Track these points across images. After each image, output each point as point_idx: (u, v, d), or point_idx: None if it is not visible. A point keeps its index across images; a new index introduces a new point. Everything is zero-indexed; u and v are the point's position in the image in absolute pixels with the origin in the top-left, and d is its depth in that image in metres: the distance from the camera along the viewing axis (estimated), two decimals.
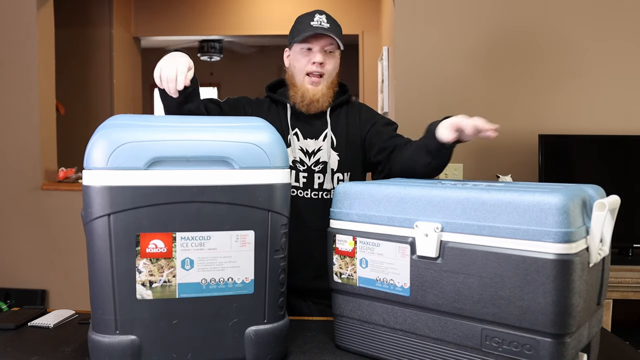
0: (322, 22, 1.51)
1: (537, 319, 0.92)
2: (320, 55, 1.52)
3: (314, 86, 1.53)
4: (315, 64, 1.52)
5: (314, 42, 1.52)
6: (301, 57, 1.54)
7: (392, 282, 1.09)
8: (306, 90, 1.53)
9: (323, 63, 1.52)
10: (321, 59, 1.51)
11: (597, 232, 0.95)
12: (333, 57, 1.55)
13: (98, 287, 1.03)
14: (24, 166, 3.22)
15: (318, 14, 1.53)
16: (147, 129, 1.05)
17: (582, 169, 2.58)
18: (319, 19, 1.52)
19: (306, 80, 1.54)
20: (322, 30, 1.50)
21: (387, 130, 1.59)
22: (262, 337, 1.09)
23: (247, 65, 7.59)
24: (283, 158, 1.11)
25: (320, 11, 1.55)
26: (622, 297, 2.21)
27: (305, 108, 1.55)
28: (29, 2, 3.17)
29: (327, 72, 1.54)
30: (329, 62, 1.54)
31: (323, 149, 1.55)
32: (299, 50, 1.55)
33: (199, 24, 5.03)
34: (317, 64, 1.52)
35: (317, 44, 1.52)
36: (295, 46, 1.56)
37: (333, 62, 1.55)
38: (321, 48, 1.52)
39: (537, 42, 2.64)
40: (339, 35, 1.54)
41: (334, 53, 1.55)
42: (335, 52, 1.55)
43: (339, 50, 1.57)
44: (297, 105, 1.55)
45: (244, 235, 1.07)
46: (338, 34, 1.53)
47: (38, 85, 3.19)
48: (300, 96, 1.54)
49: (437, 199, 1.04)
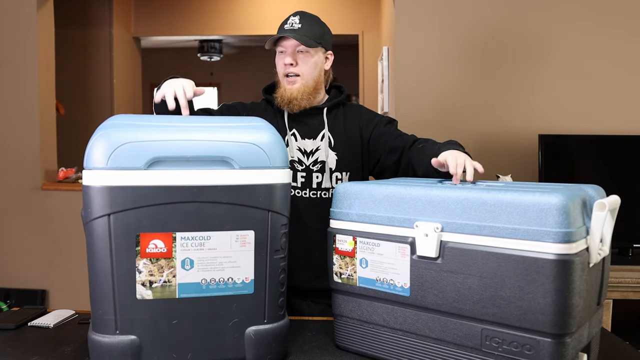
0: (294, 23, 1.54)
1: (537, 319, 0.92)
2: (289, 57, 1.55)
3: (290, 85, 1.56)
4: (287, 65, 1.55)
5: (285, 44, 1.56)
6: (278, 60, 1.59)
7: (392, 282, 1.09)
8: (284, 91, 1.57)
9: (294, 64, 1.55)
10: (290, 61, 1.54)
11: (597, 232, 0.95)
12: (307, 56, 1.56)
13: (98, 287, 1.03)
14: (24, 166, 3.22)
15: (292, 16, 1.57)
16: (147, 129, 1.05)
17: (582, 169, 2.58)
18: (292, 21, 1.55)
19: (284, 81, 1.58)
20: (288, 32, 1.53)
21: (390, 129, 1.61)
22: (262, 337, 1.09)
23: (247, 65, 7.59)
24: (283, 158, 1.11)
25: (297, 12, 1.58)
26: (622, 297, 2.21)
27: (286, 107, 1.57)
28: (29, 2, 3.17)
29: (303, 72, 1.56)
30: (303, 62, 1.56)
31: (321, 149, 1.56)
32: (277, 54, 1.60)
33: (199, 24, 5.03)
34: (287, 65, 1.55)
35: (289, 46, 1.55)
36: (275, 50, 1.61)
37: (307, 62, 1.56)
38: (293, 50, 1.55)
39: (537, 42, 2.64)
40: (313, 33, 1.55)
41: (308, 52, 1.55)
42: (311, 50, 1.56)
43: (319, 48, 1.57)
44: (281, 105, 1.58)
45: (244, 235, 1.07)
46: (310, 33, 1.54)
47: (38, 85, 3.19)
48: (280, 96, 1.57)
49: (437, 199, 1.04)
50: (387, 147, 1.57)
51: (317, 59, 1.58)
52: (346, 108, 1.65)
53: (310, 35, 1.54)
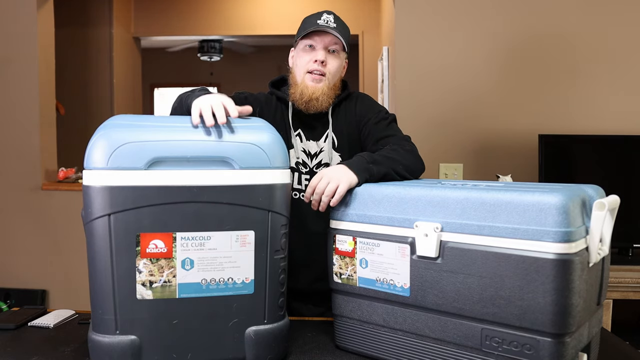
0: (329, 21, 1.47)
1: (537, 319, 0.92)
2: (322, 52, 1.47)
3: (314, 83, 1.48)
4: (317, 62, 1.47)
5: (318, 39, 1.48)
6: (304, 54, 1.50)
7: (392, 282, 1.09)
8: (305, 87, 1.48)
9: (325, 62, 1.47)
10: (323, 57, 1.47)
11: (596, 232, 0.95)
12: (337, 58, 1.50)
13: (98, 287, 1.03)
14: (24, 166, 3.22)
15: (326, 14, 1.50)
16: (147, 129, 1.05)
17: (582, 169, 2.58)
18: (326, 18, 1.48)
19: (307, 77, 1.48)
20: (327, 28, 1.46)
21: (377, 129, 1.52)
22: (262, 337, 1.09)
23: (247, 65, 7.59)
24: (283, 158, 1.11)
25: (329, 11, 1.52)
26: (622, 297, 2.21)
27: (303, 106, 1.49)
28: (29, 2, 3.17)
29: (329, 72, 1.48)
30: (332, 62, 1.49)
31: (325, 151, 1.54)
32: (303, 48, 1.50)
33: (199, 24, 5.03)
34: (318, 62, 1.47)
35: (321, 42, 1.48)
36: (300, 43, 1.52)
37: (336, 63, 1.50)
38: (325, 46, 1.48)
39: (537, 42, 2.64)
40: (346, 37, 1.50)
41: (337, 53, 1.50)
42: (340, 53, 1.51)
43: (344, 53, 1.53)
44: (297, 103, 1.50)
45: (244, 236, 1.07)
46: (344, 35, 1.50)
47: (38, 85, 3.19)
48: (299, 93, 1.48)
49: (437, 199, 1.04)
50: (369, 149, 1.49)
51: (341, 63, 1.53)
52: (347, 102, 1.58)
53: (345, 37, 1.49)
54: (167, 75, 7.61)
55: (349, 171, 1.20)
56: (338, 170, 1.21)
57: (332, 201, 1.18)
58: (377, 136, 1.49)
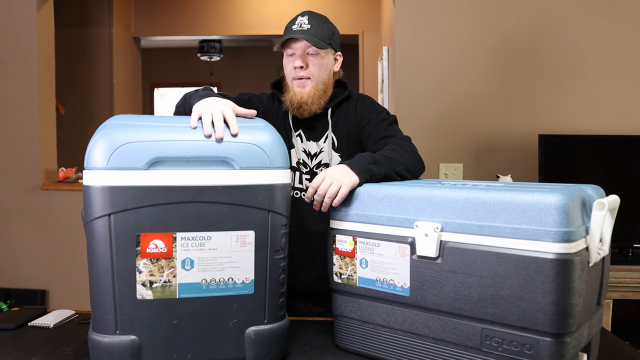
0: (303, 24, 1.48)
1: (537, 319, 0.92)
2: (299, 60, 1.48)
3: (300, 88, 1.50)
4: (296, 68, 1.49)
5: (295, 46, 1.49)
6: (287, 62, 1.52)
7: (392, 282, 1.09)
8: (294, 94, 1.50)
9: (304, 66, 1.49)
10: (300, 63, 1.48)
11: (596, 232, 0.95)
12: (317, 58, 1.50)
13: (98, 287, 1.03)
14: (24, 166, 3.22)
15: (300, 16, 1.50)
16: (147, 129, 1.05)
17: (582, 169, 2.58)
18: (300, 22, 1.49)
19: (294, 84, 1.51)
20: (298, 34, 1.46)
21: (378, 129, 1.52)
22: (262, 337, 1.09)
23: (247, 65, 7.59)
24: (283, 158, 1.11)
25: (305, 12, 1.52)
26: (622, 297, 2.21)
27: (296, 112, 1.51)
28: (29, 2, 3.17)
29: (313, 74, 1.49)
30: (313, 64, 1.49)
31: (324, 151, 1.54)
32: (285, 57, 1.53)
33: (199, 24, 5.03)
34: (297, 68, 1.48)
35: (299, 48, 1.49)
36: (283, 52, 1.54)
37: (318, 63, 1.50)
38: (302, 52, 1.49)
39: (537, 42, 2.64)
40: (324, 34, 1.50)
41: (319, 54, 1.50)
42: (321, 52, 1.50)
43: (329, 49, 1.52)
44: (290, 109, 1.53)
45: (244, 236, 1.07)
46: (320, 34, 1.48)
47: (38, 85, 3.19)
48: (289, 100, 1.51)
49: (437, 199, 1.04)
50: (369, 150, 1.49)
51: (327, 61, 1.52)
52: (347, 103, 1.59)
53: (320, 36, 1.48)
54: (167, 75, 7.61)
55: (350, 172, 1.20)
56: (340, 171, 1.21)
57: (334, 202, 1.19)
58: (377, 136, 1.49)
